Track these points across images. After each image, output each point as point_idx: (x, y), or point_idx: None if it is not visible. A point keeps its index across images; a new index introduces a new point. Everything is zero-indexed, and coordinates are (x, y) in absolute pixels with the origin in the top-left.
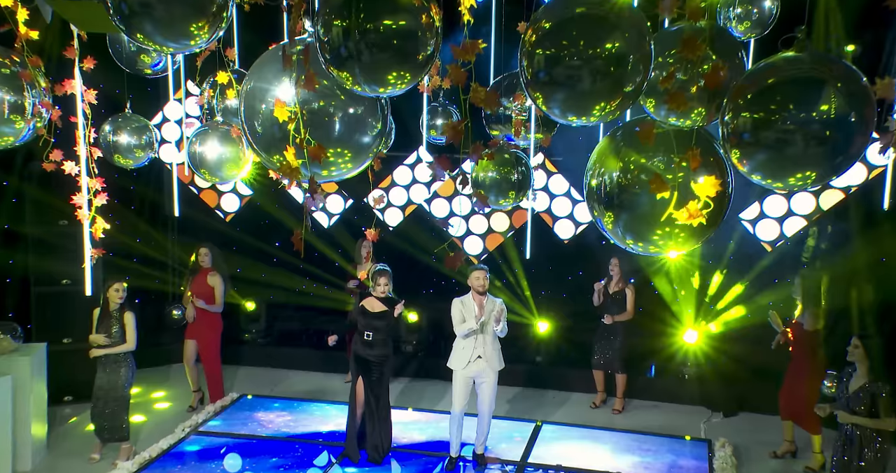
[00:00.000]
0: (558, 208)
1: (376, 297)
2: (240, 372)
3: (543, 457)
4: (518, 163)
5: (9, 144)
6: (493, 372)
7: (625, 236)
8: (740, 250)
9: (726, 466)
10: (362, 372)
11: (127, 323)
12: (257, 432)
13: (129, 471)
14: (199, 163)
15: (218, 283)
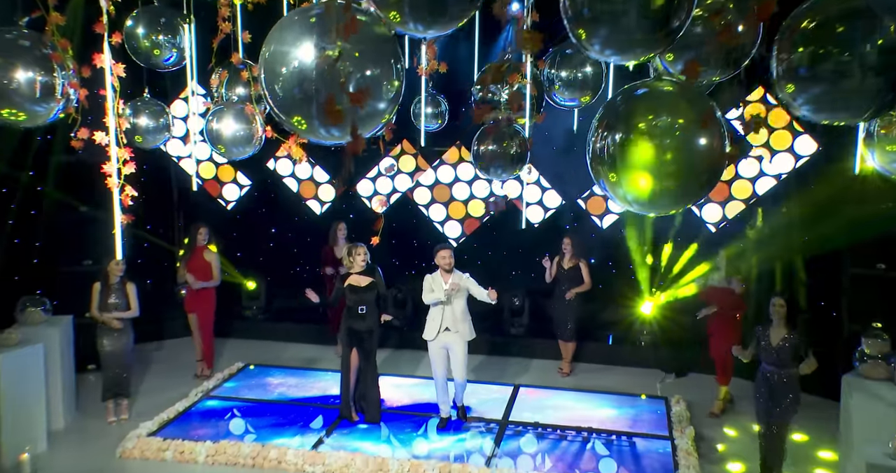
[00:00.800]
0: (529, 195)
1: (359, 273)
2: (242, 344)
3: (522, 416)
4: (515, 137)
5: (40, 122)
6: (462, 342)
7: (626, 195)
8: (688, 231)
9: (682, 419)
10: (356, 343)
11: (130, 292)
12: (261, 396)
13: (149, 430)
14: (215, 140)
15: (214, 259)
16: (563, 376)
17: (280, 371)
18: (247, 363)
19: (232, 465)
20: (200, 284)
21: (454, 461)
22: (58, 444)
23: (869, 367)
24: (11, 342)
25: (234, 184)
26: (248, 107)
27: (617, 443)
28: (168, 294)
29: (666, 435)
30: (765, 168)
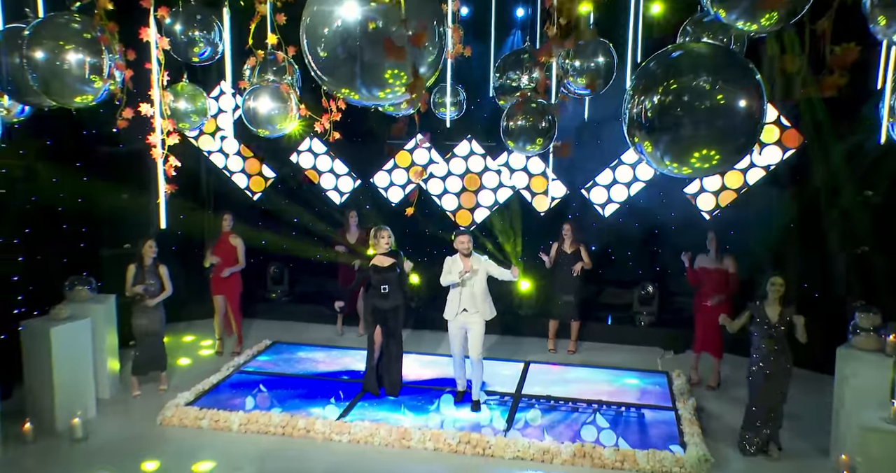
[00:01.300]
0: (536, 185)
1: (382, 254)
2: (268, 325)
3: (533, 390)
4: (545, 112)
5: (88, 102)
6: (481, 321)
7: (663, 158)
8: (684, 218)
9: (683, 391)
10: (380, 321)
11: (163, 273)
12: (288, 371)
13: (187, 400)
14: (252, 118)
15: (239, 243)
16: (570, 353)
17: (305, 348)
18: (274, 341)
19: (263, 433)
20: (228, 271)
21: (471, 431)
22: (105, 412)
23: (862, 339)
24: (62, 316)
25: (260, 176)
26: (284, 85)
27: (626, 414)
28: (198, 278)
29: (670, 406)
30: (755, 160)
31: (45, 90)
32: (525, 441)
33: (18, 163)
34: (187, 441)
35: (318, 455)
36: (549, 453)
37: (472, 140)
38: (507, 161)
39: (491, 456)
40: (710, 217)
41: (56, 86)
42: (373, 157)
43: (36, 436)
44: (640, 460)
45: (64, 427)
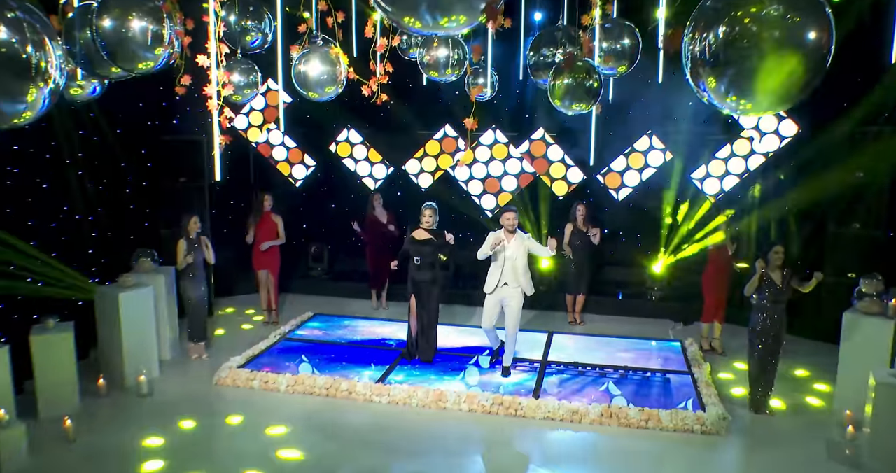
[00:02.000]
0: (555, 171)
1: (423, 228)
2: (309, 299)
3: (559, 358)
4: (592, 72)
5: (149, 69)
6: (519, 296)
7: (727, 93)
8: (691, 202)
9: (697, 357)
10: (415, 291)
11: (207, 245)
12: (330, 339)
13: (239, 363)
14: (302, 82)
15: (279, 221)
16: (578, 325)
17: (345, 318)
18: (315, 312)
19: (308, 394)
20: (267, 244)
21: (504, 393)
22: (166, 372)
23: (866, 304)
24: (128, 284)
25: (302, 164)
26: (333, 49)
27: (646, 378)
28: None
29: (686, 371)
30: (755, 147)
31: (111, 58)
32: (555, 402)
33: (95, 149)
34: (240, 399)
35: (360, 414)
36: (578, 413)
37: (497, 129)
38: (528, 149)
39: (522, 417)
40: (715, 200)
41: (121, 53)
42: (405, 146)
43: (108, 391)
44: (664, 419)
45: (132, 383)
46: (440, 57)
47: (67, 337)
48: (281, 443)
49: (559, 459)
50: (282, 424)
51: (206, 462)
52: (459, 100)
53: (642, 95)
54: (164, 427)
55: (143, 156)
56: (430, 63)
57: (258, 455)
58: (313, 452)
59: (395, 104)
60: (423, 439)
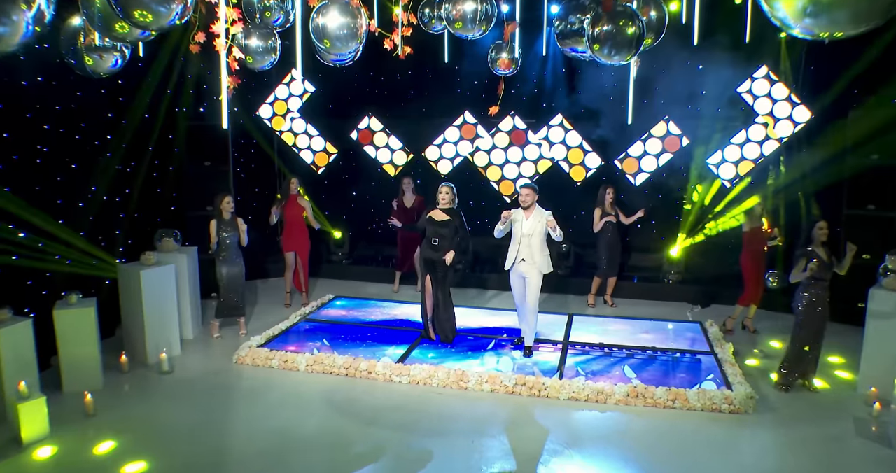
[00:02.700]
0: (573, 157)
1: (441, 209)
2: (330, 283)
3: (582, 339)
4: (634, 18)
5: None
6: (537, 274)
7: (804, 12)
8: (707, 186)
9: (718, 337)
10: (430, 271)
11: (241, 226)
12: (350, 320)
13: (258, 342)
14: (321, 35)
15: (307, 204)
16: (609, 307)
17: (365, 301)
18: (336, 295)
19: (328, 374)
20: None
21: (534, 373)
22: (189, 349)
23: (891, 280)
24: (150, 262)
25: (324, 152)
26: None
27: (670, 358)
28: (271, 243)
29: (709, 351)
30: (769, 133)
31: (125, 14)
32: (579, 382)
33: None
34: (259, 378)
35: (380, 394)
36: (604, 393)
37: (515, 116)
38: (546, 135)
39: (546, 397)
40: (730, 184)
41: (135, 8)
42: (424, 133)
43: (130, 368)
44: (691, 398)
45: (153, 360)
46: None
47: (89, 311)
48: (296, 420)
49: (585, 440)
50: (299, 402)
51: (219, 439)
52: (478, 87)
53: (659, 81)
54: (183, 404)
55: (170, 141)
56: (456, 18)
57: (273, 431)
58: (329, 428)
59: (415, 92)
60: (443, 419)
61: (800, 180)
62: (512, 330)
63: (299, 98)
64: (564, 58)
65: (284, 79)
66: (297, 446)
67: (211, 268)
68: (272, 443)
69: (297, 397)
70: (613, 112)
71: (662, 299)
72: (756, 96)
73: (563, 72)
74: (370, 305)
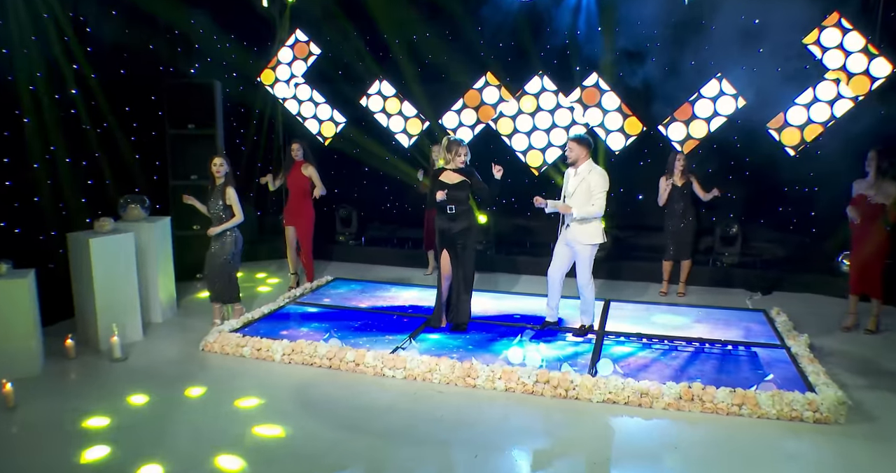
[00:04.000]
0: (610, 122)
1: (453, 170)
2: (334, 265)
3: (618, 328)
4: None
5: None
6: (580, 245)
7: None
8: (767, 155)
9: (789, 327)
10: (447, 245)
11: (229, 197)
12: (346, 304)
13: (233, 327)
14: None
15: (313, 172)
16: (681, 297)
17: (367, 284)
18: (335, 277)
19: (308, 365)
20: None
21: (550, 369)
22: (154, 334)
23: None
24: (104, 228)
25: (331, 121)
26: None
27: (730, 353)
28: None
29: (778, 344)
30: (841, 91)
31: None
32: (618, 380)
33: (93, 89)
34: (224, 368)
35: (367, 391)
36: (648, 395)
37: (544, 76)
38: (580, 97)
39: (575, 399)
40: (796, 152)
41: None
42: (441, 98)
43: (78, 353)
44: (764, 403)
45: (106, 346)
46: None
47: (22, 284)
48: (257, 422)
49: (624, 456)
50: (264, 399)
51: (165, 442)
52: (501, 45)
53: (710, 33)
54: (123, 398)
55: (152, 103)
56: None
57: (225, 435)
58: (296, 433)
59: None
60: (441, 425)
61: None
62: (532, 318)
63: (304, 61)
64: (600, 7)
65: (288, 41)
66: (250, 455)
67: (192, 248)
68: (217, 450)
69: (265, 392)
70: (657, 70)
71: (715, 285)
72: (825, 48)
73: (597, 27)
74: (373, 289)
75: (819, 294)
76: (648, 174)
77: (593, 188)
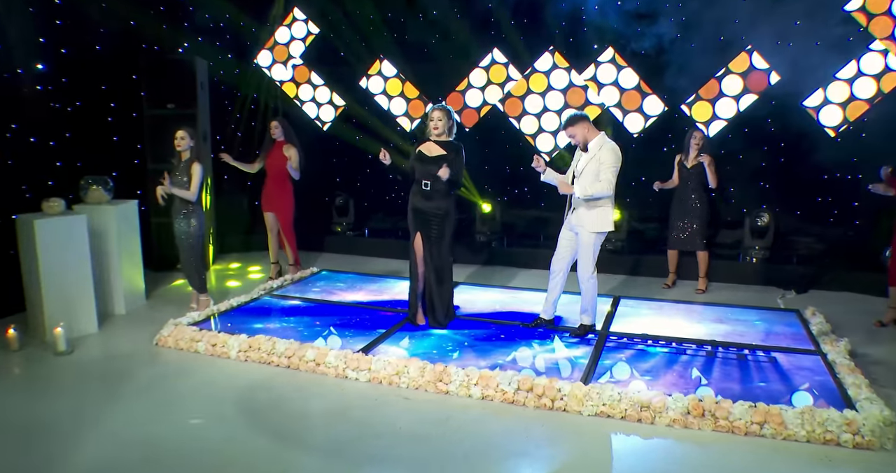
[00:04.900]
0: (628, 102)
1: (434, 141)
2: (328, 256)
3: (625, 329)
4: None
5: None
6: (584, 231)
7: None
8: (805, 136)
9: (826, 329)
10: (420, 226)
11: (193, 173)
12: (325, 298)
13: (193, 320)
14: None
15: (293, 153)
16: (700, 293)
17: (354, 276)
18: (321, 269)
19: (265, 363)
20: (291, 170)
21: (537, 374)
22: (111, 327)
23: None
24: (54, 210)
25: (330, 105)
26: None
27: (752, 358)
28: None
29: (812, 350)
30: (890, 63)
31: None
32: (614, 390)
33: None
34: (172, 366)
35: (321, 395)
36: (651, 409)
37: (555, 52)
38: (594, 75)
39: (563, 411)
40: (837, 134)
41: None
42: (445, 78)
43: (23, 345)
44: (791, 422)
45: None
46: None
47: None
48: (189, 427)
49: None
50: (205, 402)
51: (56, 451)
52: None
53: (738, 6)
54: (52, 396)
55: (134, 83)
56: None
57: (146, 441)
58: (231, 442)
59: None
60: (400, 439)
61: None
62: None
63: (302, 42)
64: None
65: (286, 21)
66: (165, 464)
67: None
68: (132, 458)
69: (209, 394)
70: (680, 43)
71: (743, 282)
72: (871, 14)
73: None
74: (362, 282)
75: (862, 293)
76: (670, 159)
77: (602, 164)
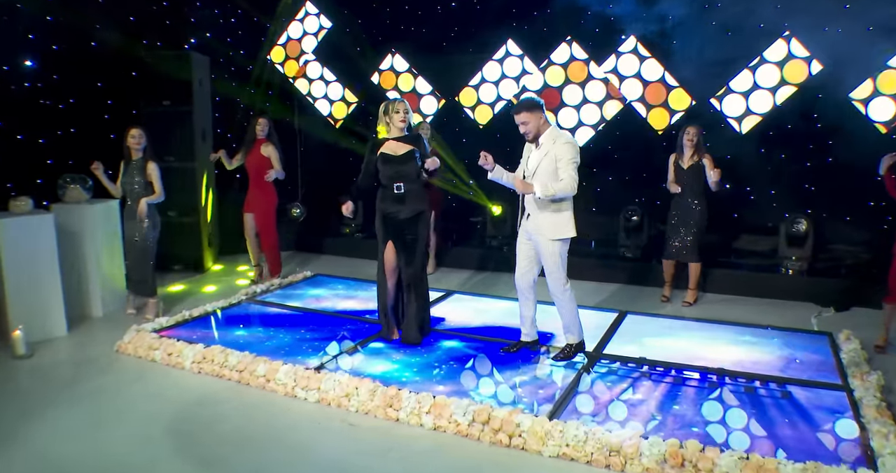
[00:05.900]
0: (652, 96)
1: (396, 139)
2: (326, 259)
3: (622, 351)
4: None
5: None
6: (544, 240)
7: None
8: (851, 132)
9: (858, 359)
10: (392, 234)
11: (151, 173)
12: (308, 305)
13: (160, 326)
14: None
15: (272, 152)
16: (685, 306)
17: (350, 282)
18: (315, 273)
19: (217, 377)
20: (271, 175)
21: (501, 404)
22: (80, 330)
23: None
24: (21, 209)
25: (342, 102)
26: None
27: (765, 391)
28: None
29: (838, 384)
30: None
31: None
32: (579, 429)
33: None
34: (125, 374)
35: (263, 417)
36: (621, 455)
37: (573, 42)
38: (615, 66)
39: (521, 449)
40: (889, 129)
41: None
42: (458, 72)
43: None
44: None
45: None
46: None
47: None
48: (106, 447)
49: None
50: (140, 418)
51: None
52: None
53: None
54: None
55: (132, 80)
56: None
57: (50, 461)
58: (146, 468)
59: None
60: (335, 472)
61: None
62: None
63: (314, 36)
64: None
65: (298, 15)
66: None
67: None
68: None
69: (149, 409)
70: (708, 30)
71: (776, 297)
72: None
73: None
74: (353, 288)
75: None
76: None
77: (559, 159)
